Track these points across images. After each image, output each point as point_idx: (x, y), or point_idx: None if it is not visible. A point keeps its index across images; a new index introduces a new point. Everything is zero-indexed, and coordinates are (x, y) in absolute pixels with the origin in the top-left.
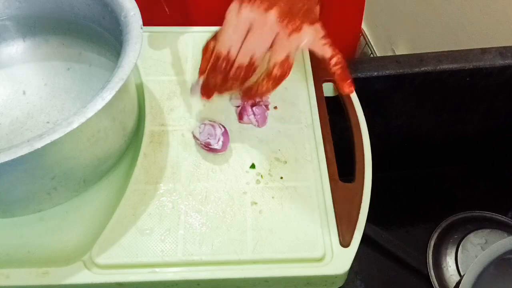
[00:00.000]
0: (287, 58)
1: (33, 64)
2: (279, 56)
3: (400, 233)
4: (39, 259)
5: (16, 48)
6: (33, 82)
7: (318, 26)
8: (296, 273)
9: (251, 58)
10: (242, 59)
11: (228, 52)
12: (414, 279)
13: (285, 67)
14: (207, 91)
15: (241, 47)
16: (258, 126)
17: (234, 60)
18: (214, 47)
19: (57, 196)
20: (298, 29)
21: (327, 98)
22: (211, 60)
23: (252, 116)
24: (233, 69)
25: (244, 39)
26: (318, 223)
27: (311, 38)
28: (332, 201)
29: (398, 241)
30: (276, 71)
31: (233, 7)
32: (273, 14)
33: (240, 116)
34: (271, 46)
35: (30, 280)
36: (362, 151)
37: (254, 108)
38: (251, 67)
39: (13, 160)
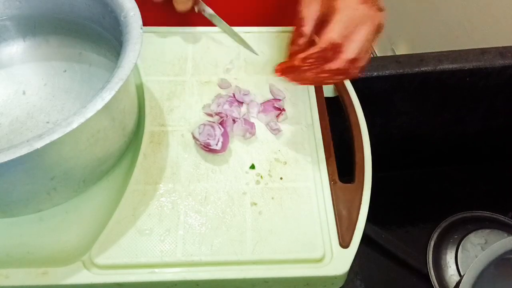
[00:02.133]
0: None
1: (33, 64)
2: (367, 56)
3: (400, 233)
4: (38, 259)
5: (16, 48)
6: (33, 82)
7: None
8: (296, 273)
9: (360, 52)
10: (353, 52)
11: (343, 41)
12: (414, 279)
13: (363, 68)
14: (292, 73)
15: (349, 39)
16: (244, 133)
17: (341, 52)
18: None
19: (56, 196)
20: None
21: (327, 98)
22: (319, 47)
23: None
24: (340, 61)
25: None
26: (317, 223)
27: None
28: (331, 202)
29: (398, 241)
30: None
31: (351, 2)
32: (381, 15)
33: (222, 126)
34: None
35: (30, 280)
36: (362, 152)
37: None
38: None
39: (12, 160)
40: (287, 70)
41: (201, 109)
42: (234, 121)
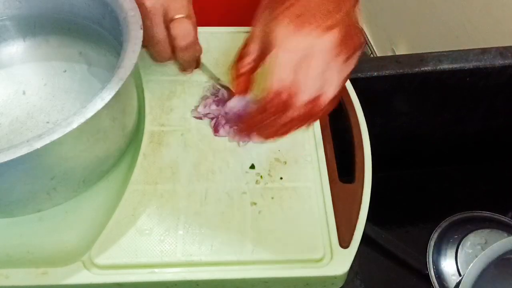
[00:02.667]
0: (339, 92)
1: (33, 64)
2: (339, 83)
3: (400, 233)
4: (38, 259)
5: (16, 48)
6: (33, 82)
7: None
8: (295, 274)
9: (318, 89)
10: (308, 93)
11: (290, 88)
12: (414, 279)
13: (333, 103)
14: (250, 131)
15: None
16: (238, 140)
17: (294, 97)
18: (254, 62)
19: (56, 196)
20: (355, 50)
21: None
22: (266, 100)
23: (229, 128)
24: (296, 108)
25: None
26: (317, 224)
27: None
28: (331, 202)
29: (398, 241)
30: (326, 108)
31: (284, 29)
32: (332, 35)
33: (216, 129)
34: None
35: (30, 280)
36: (362, 152)
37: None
38: (315, 103)
39: (12, 160)
40: (250, 130)
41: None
42: (226, 120)
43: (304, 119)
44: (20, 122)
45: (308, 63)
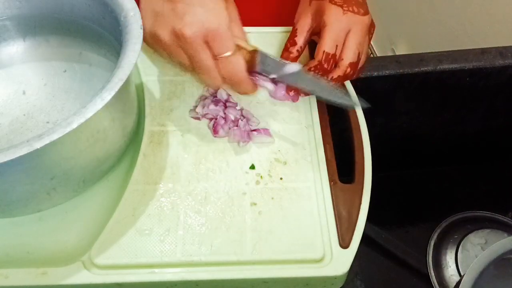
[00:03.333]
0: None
1: (33, 64)
2: (365, 57)
3: (400, 233)
4: (38, 259)
5: (16, 48)
6: (33, 82)
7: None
8: (295, 274)
9: (357, 56)
10: (350, 57)
11: (335, 51)
12: (414, 279)
13: (363, 66)
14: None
15: (343, 48)
16: (238, 140)
17: (340, 60)
18: (298, 52)
19: (56, 196)
20: (372, 34)
21: None
22: (317, 60)
23: (228, 129)
24: (340, 69)
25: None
26: (317, 224)
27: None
28: (331, 202)
29: (398, 241)
30: (360, 69)
31: (334, 11)
32: (368, 18)
33: (215, 130)
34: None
35: (29, 280)
36: (362, 152)
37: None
38: (356, 65)
39: (12, 160)
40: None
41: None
42: (225, 120)
43: (342, 79)
44: (20, 122)
45: (349, 36)
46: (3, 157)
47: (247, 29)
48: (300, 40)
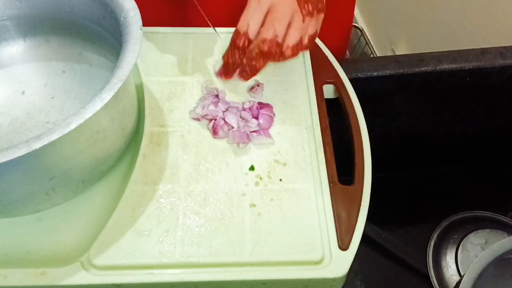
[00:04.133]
0: (300, 41)
1: (33, 64)
2: (294, 39)
3: (400, 233)
4: (37, 259)
5: (17, 48)
6: (33, 82)
7: (322, 16)
8: (294, 275)
9: (273, 35)
10: (265, 34)
11: (247, 29)
12: (414, 279)
13: (296, 50)
14: (226, 70)
15: (262, 25)
16: (238, 142)
17: (252, 38)
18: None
19: (55, 196)
20: (311, 14)
21: (327, 99)
22: (231, 38)
23: (228, 130)
24: (252, 45)
25: (265, 17)
26: (316, 225)
27: (318, 27)
28: (331, 204)
29: (398, 241)
30: (288, 53)
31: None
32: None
33: (215, 131)
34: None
35: (28, 280)
36: (362, 154)
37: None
38: (273, 43)
39: (11, 161)
40: (223, 71)
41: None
42: (225, 121)
43: (266, 57)
44: (20, 122)
45: (269, 12)
46: (2, 157)
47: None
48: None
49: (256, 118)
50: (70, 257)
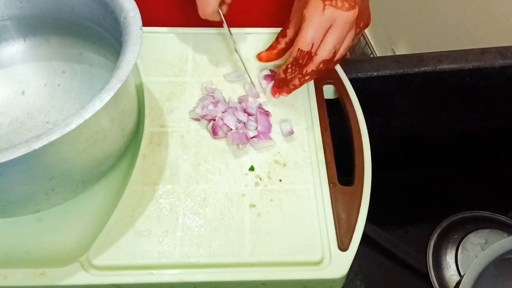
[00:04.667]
0: (346, 53)
1: (33, 64)
2: (344, 51)
3: (400, 233)
4: (36, 259)
5: (17, 48)
6: (33, 82)
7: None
8: (294, 276)
9: (333, 53)
10: (324, 55)
11: (311, 48)
12: (414, 279)
13: (339, 60)
14: (284, 85)
15: (320, 43)
16: (237, 143)
17: (314, 56)
18: (286, 44)
19: (55, 196)
20: (361, 31)
21: (327, 100)
22: (292, 57)
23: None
24: (313, 64)
25: (324, 35)
26: (316, 226)
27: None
28: (331, 205)
29: (398, 241)
30: (335, 63)
31: (314, 5)
32: (353, 13)
33: (214, 132)
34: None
35: (28, 280)
36: (362, 155)
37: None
38: (331, 60)
39: (10, 161)
40: (279, 86)
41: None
42: (223, 121)
43: (316, 73)
44: (20, 122)
45: (328, 32)
46: (2, 157)
47: (247, 30)
48: (290, 32)
49: (255, 121)
50: (70, 257)
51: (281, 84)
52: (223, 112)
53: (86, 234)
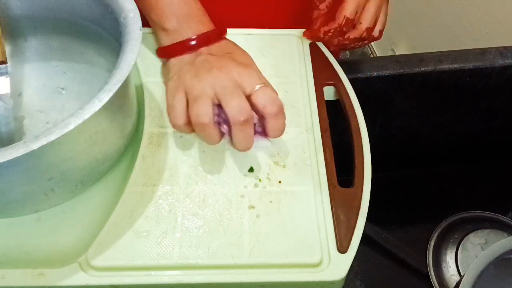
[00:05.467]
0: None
1: (33, 64)
2: (384, 18)
3: (400, 233)
4: (35, 260)
5: (17, 48)
6: (33, 82)
7: None
8: (293, 278)
9: (374, 20)
10: (368, 22)
11: (355, 16)
12: (414, 279)
13: (381, 31)
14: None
15: (362, 10)
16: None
17: (358, 24)
18: (327, 8)
19: (54, 197)
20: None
21: (328, 101)
22: (337, 23)
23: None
24: (357, 31)
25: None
26: (315, 228)
27: None
28: (330, 206)
29: (398, 241)
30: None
31: None
32: None
33: None
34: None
35: (26, 281)
36: (362, 156)
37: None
38: (373, 29)
39: (9, 161)
40: (315, 37)
41: None
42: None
43: (358, 41)
44: (19, 122)
45: (370, 2)
46: (0, 158)
47: (260, 31)
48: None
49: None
50: (68, 258)
51: (314, 37)
52: (219, 115)
53: (85, 234)
